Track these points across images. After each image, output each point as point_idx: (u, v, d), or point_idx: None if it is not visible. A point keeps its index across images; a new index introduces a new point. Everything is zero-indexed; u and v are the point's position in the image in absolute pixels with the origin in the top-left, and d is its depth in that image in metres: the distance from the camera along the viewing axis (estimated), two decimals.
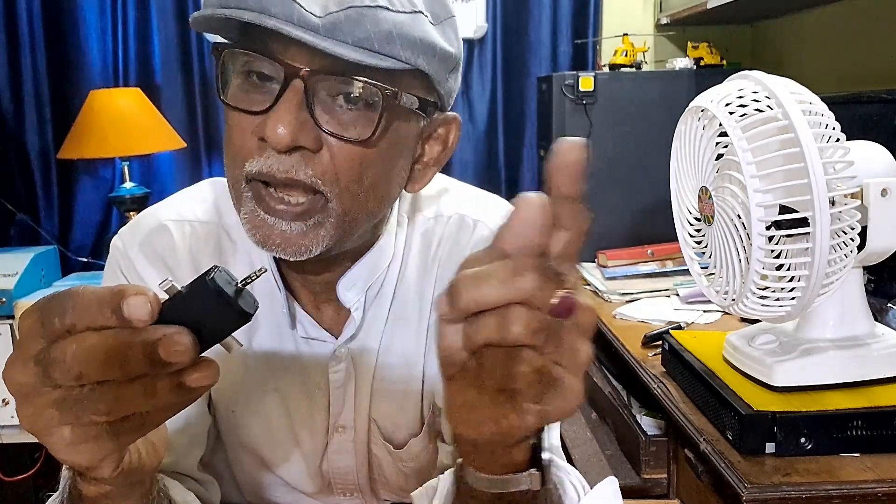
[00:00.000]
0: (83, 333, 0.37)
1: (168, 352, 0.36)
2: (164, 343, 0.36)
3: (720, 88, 0.94)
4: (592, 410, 1.50)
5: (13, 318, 1.77)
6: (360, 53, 0.56)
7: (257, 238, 0.61)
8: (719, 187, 0.92)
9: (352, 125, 0.59)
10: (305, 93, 0.57)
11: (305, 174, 0.58)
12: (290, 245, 0.60)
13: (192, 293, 0.37)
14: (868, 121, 1.32)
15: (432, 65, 0.60)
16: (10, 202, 2.21)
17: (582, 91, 1.92)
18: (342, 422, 0.77)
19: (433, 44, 0.59)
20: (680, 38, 2.24)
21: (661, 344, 1.27)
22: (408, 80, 0.60)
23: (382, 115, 0.59)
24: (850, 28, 1.76)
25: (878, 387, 0.98)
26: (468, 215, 0.78)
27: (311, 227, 0.60)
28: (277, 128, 0.56)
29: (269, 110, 0.57)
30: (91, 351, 0.36)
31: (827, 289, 0.90)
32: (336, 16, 0.55)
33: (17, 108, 2.21)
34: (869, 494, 0.87)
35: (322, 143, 0.58)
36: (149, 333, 0.36)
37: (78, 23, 2.20)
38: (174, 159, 2.29)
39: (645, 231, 1.91)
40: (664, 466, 1.20)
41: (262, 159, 0.58)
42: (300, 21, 0.55)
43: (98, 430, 0.39)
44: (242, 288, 0.38)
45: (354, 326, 0.74)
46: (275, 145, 0.57)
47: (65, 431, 0.39)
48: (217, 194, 0.78)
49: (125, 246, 0.74)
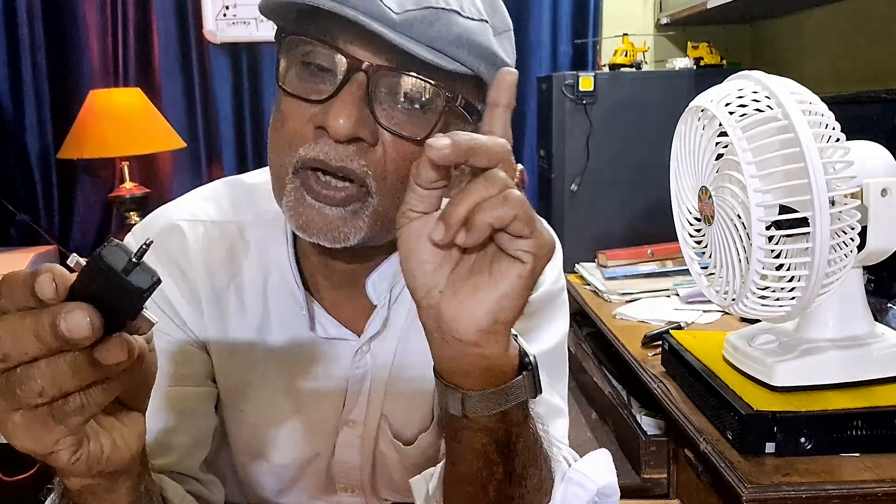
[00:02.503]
0: (6, 315, 0.38)
1: (69, 328, 0.37)
2: (65, 318, 0.37)
3: (720, 88, 0.94)
4: (592, 410, 1.50)
5: None
6: (430, 53, 0.57)
7: (299, 223, 0.62)
8: (719, 187, 0.92)
9: (409, 123, 0.60)
10: (367, 86, 0.58)
11: (359, 164, 0.60)
12: (330, 230, 0.61)
13: (88, 270, 0.38)
14: (868, 121, 1.31)
15: (490, 73, 0.61)
16: (10, 202, 2.21)
17: (582, 91, 1.92)
18: (353, 417, 0.77)
19: (495, 53, 0.61)
20: (680, 38, 2.24)
21: (661, 344, 1.27)
22: (464, 85, 0.61)
23: (441, 116, 0.60)
24: (850, 28, 1.76)
25: (878, 387, 0.98)
26: None
27: (349, 214, 0.61)
28: (339, 118, 0.57)
29: (329, 100, 0.58)
30: (10, 330, 0.38)
31: (827, 289, 0.90)
32: (413, 14, 0.57)
33: (17, 108, 2.21)
34: (869, 494, 0.87)
35: (378, 138, 0.60)
36: (53, 310, 0.37)
37: (78, 23, 2.20)
38: (174, 159, 2.29)
39: (645, 231, 1.91)
40: (664, 466, 1.20)
41: (318, 146, 0.59)
42: (379, 15, 0.56)
43: (43, 414, 0.40)
44: (137, 263, 0.38)
45: (380, 323, 0.74)
46: (335, 134, 0.58)
47: (16, 417, 0.40)
48: (232, 194, 0.78)
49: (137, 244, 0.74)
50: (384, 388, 0.76)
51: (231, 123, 2.30)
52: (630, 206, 1.96)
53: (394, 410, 0.77)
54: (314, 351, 0.75)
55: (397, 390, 0.76)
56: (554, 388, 0.77)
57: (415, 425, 0.78)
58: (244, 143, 2.30)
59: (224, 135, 2.29)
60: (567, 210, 1.96)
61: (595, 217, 1.97)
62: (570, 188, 1.96)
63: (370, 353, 0.75)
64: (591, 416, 1.48)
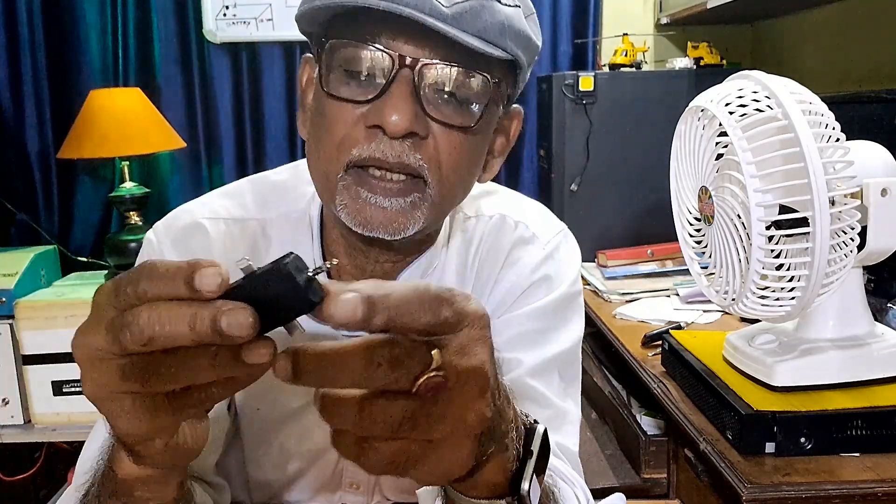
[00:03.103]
0: (155, 302, 0.38)
1: (230, 324, 0.37)
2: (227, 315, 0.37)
3: (720, 88, 0.94)
4: (592, 410, 1.50)
5: (13, 318, 1.77)
6: (480, 43, 0.59)
7: (358, 220, 0.62)
8: (719, 187, 0.92)
9: (457, 114, 0.61)
10: (413, 81, 0.59)
11: (415, 158, 0.61)
12: (390, 223, 0.62)
13: (265, 275, 0.39)
14: (868, 121, 1.32)
15: (527, 57, 0.63)
16: (10, 202, 2.21)
17: (582, 91, 1.92)
18: None
19: (530, 37, 0.63)
20: (680, 38, 2.24)
21: (661, 344, 1.27)
22: (502, 71, 0.63)
23: (488, 104, 0.62)
24: (850, 28, 1.76)
25: (878, 387, 0.98)
26: (510, 216, 0.79)
27: (409, 205, 0.62)
28: (393, 115, 0.58)
29: (379, 98, 0.59)
30: (161, 317, 0.38)
31: (827, 289, 0.90)
32: (462, 6, 0.58)
33: (17, 108, 2.20)
34: (869, 494, 0.87)
35: (429, 131, 0.61)
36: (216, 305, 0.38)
37: (78, 23, 2.20)
38: (174, 159, 2.29)
39: (645, 231, 1.91)
40: (664, 466, 1.20)
41: (373, 145, 0.60)
42: (431, 10, 0.57)
43: (159, 401, 0.41)
44: (313, 277, 0.39)
45: None
46: (392, 132, 0.59)
47: (126, 401, 0.40)
48: (255, 190, 0.78)
49: (158, 241, 0.75)
50: None
51: (231, 123, 2.29)
52: (630, 206, 1.96)
53: None
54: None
55: None
56: (567, 391, 0.77)
57: None
58: (244, 143, 2.30)
59: (224, 135, 2.29)
60: (567, 210, 1.96)
61: (595, 217, 1.97)
62: (570, 188, 1.96)
63: None
64: (591, 416, 1.48)
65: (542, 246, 0.78)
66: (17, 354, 1.78)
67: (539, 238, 0.78)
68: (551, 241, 0.79)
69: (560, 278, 0.78)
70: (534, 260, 0.77)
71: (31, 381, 1.77)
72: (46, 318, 1.74)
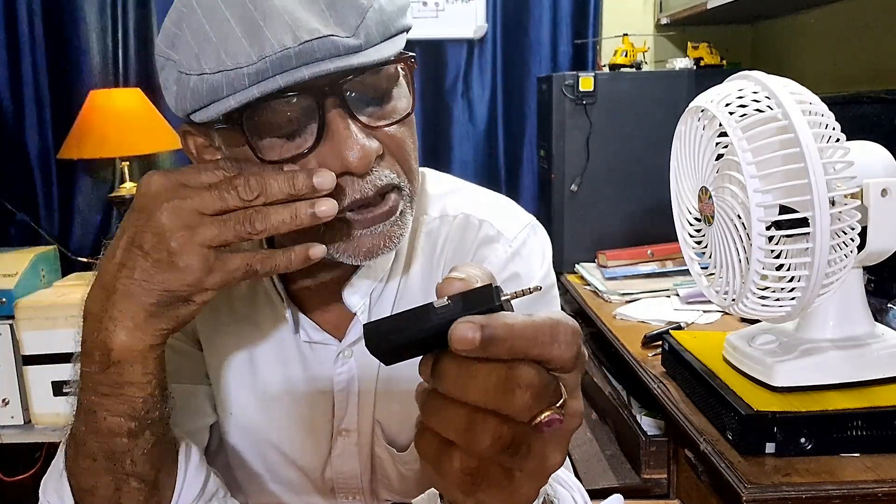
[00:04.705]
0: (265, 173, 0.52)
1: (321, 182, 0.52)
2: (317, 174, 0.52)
3: (720, 88, 0.94)
4: (592, 410, 1.50)
5: (13, 318, 1.77)
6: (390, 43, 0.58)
7: (364, 255, 0.61)
8: (719, 187, 0.92)
9: (394, 108, 0.60)
10: (342, 104, 0.56)
11: (387, 175, 0.60)
12: (390, 241, 0.62)
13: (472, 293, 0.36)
14: (868, 121, 1.31)
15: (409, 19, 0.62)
16: (10, 202, 2.21)
17: (582, 91, 1.92)
18: (346, 425, 0.76)
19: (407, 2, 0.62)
20: (680, 38, 2.24)
21: (661, 344, 1.27)
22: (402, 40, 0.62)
23: (409, 80, 0.61)
24: (850, 28, 1.76)
25: (878, 387, 0.98)
26: (473, 215, 0.78)
27: (398, 216, 0.62)
28: (349, 154, 0.55)
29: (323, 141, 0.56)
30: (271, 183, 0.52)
31: (827, 289, 0.90)
32: (364, 26, 0.55)
33: (17, 108, 2.20)
34: (869, 494, 0.87)
35: (380, 139, 0.59)
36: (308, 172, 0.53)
37: (78, 23, 2.20)
38: (174, 159, 2.29)
39: (645, 231, 1.91)
40: (664, 466, 1.20)
41: (347, 190, 0.58)
42: (345, 49, 0.54)
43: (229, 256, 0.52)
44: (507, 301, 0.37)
45: (359, 329, 0.73)
46: (358, 169, 0.56)
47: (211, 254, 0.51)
48: None
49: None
50: (373, 393, 0.76)
51: None
52: (630, 206, 1.96)
53: (387, 416, 0.76)
54: (299, 355, 0.75)
55: (388, 395, 0.76)
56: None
57: (410, 431, 0.77)
58: None
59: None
60: (567, 210, 1.96)
61: (595, 217, 1.97)
62: (570, 188, 1.96)
63: (354, 358, 0.75)
64: (591, 416, 1.48)
65: (509, 243, 0.76)
66: (17, 355, 1.78)
67: (504, 235, 0.77)
68: (517, 237, 0.77)
69: (529, 275, 0.76)
70: (500, 259, 0.75)
71: (31, 381, 1.77)
72: (46, 319, 1.74)
